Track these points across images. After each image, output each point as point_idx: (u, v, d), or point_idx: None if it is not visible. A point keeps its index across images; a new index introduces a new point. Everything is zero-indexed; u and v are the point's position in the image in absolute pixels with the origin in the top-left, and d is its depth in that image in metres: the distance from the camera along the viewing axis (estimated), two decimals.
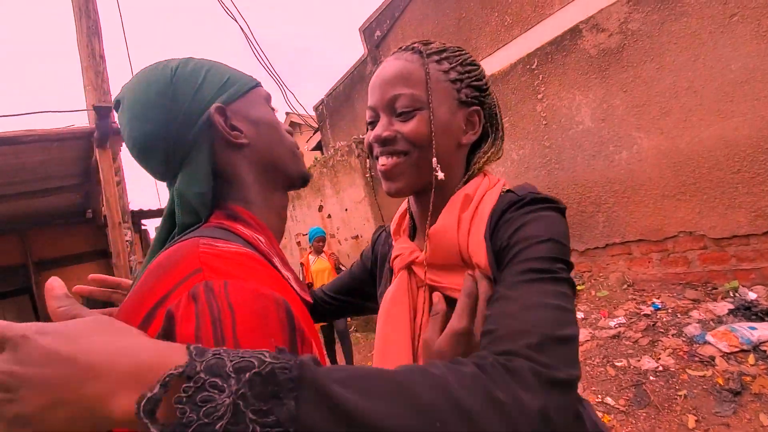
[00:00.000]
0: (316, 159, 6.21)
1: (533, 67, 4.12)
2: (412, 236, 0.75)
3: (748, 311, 2.68)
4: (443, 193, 0.64)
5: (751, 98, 2.90)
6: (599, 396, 2.56)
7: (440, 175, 0.61)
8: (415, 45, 0.67)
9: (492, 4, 4.45)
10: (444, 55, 0.66)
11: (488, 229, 0.59)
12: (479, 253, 0.58)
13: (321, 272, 4.22)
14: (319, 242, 4.36)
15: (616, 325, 3.10)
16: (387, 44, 5.96)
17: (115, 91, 4.43)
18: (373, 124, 0.68)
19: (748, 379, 2.24)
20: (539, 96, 4.13)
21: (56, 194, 2.71)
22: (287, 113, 11.34)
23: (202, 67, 0.56)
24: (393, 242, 0.75)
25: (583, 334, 3.20)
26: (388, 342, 0.64)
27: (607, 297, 3.56)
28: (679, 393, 2.33)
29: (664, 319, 2.96)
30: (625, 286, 3.58)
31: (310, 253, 4.44)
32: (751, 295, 2.86)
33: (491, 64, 4.54)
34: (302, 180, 0.67)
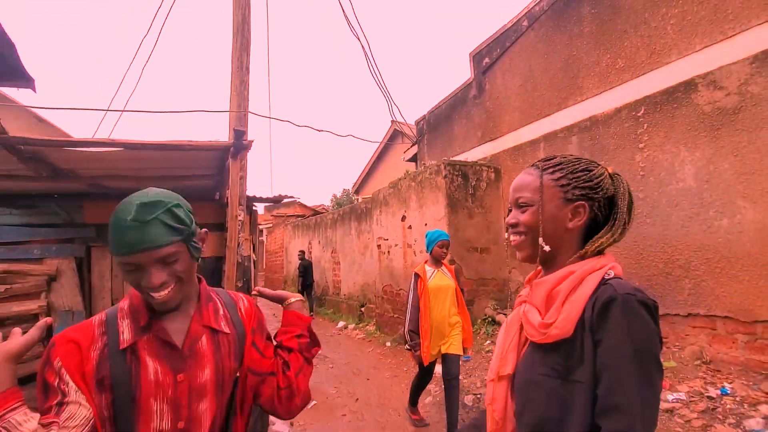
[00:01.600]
0: (407, 172, 6.62)
1: (639, 114, 3.97)
2: None
3: None
4: (555, 262, 0.89)
5: None
6: None
7: (546, 248, 0.87)
8: (538, 163, 0.95)
9: (606, 44, 4.36)
10: (558, 167, 0.91)
11: (585, 311, 0.78)
12: (563, 324, 0.78)
13: (442, 291, 3.24)
14: (441, 248, 3.28)
15: (674, 400, 2.93)
16: (494, 72, 6.10)
17: (252, 97, 5.32)
18: (509, 214, 0.96)
19: None
20: (641, 145, 3.96)
21: (197, 180, 3.51)
22: (392, 121, 12.03)
23: (112, 218, 0.88)
24: (525, 285, 1.00)
25: None
26: (502, 348, 0.95)
27: (674, 368, 3.34)
28: None
29: (728, 406, 2.74)
30: (699, 362, 3.31)
31: (426, 262, 3.35)
32: None
33: (594, 106, 4.46)
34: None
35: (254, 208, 6.85)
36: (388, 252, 6.99)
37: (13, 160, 2.37)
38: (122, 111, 4.77)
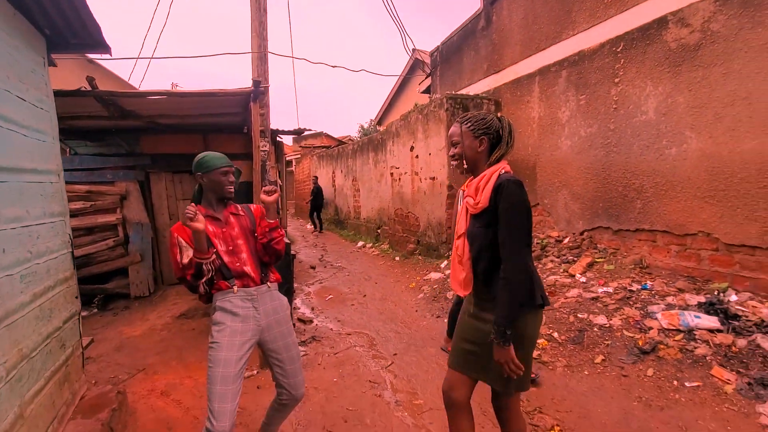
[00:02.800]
0: (416, 105, 7.11)
1: (618, 50, 4.30)
2: None
3: (712, 306, 3.12)
4: (477, 171, 1.62)
5: None
6: (550, 330, 3.41)
7: (465, 166, 1.64)
8: (459, 119, 1.68)
9: None
10: (469, 120, 1.64)
11: (492, 191, 1.49)
12: (484, 200, 1.51)
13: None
14: None
15: (602, 293, 3.74)
16: (501, 2, 6.24)
17: (272, 38, 5.91)
18: (450, 148, 1.72)
19: (662, 347, 2.88)
20: (616, 80, 4.35)
21: (226, 117, 4.29)
22: (413, 50, 12.07)
23: (202, 160, 1.87)
24: (463, 188, 1.73)
25: (573, 292, 3.91)
26: (459, 221, 1.70)
27: (612, 271, 4.10)
28: (606, 341, 3.08)
29: (642, 297, 3.52)
30: (633, 266, 4.05)
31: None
32: (733, 298, 3.23)
33: (583, 41, 4.75)
34: (223, 198, 1.90)
35: (279, 139, 7.66)
36: (399, 179, 7.75)
37: (97, 105, 3.22)
38: (152, 58, 5.46)
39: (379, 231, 9.41)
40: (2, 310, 1.68)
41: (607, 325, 3.26)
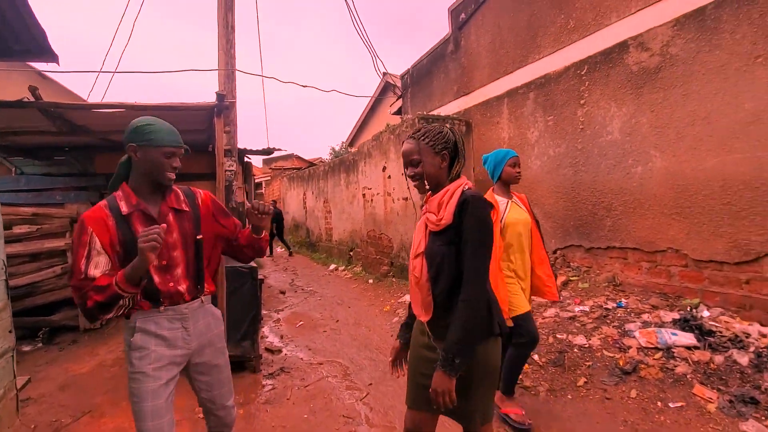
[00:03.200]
0: (387, 125, 7.11)
1: (582, 73, 4.44)
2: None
3: (686, 323, 3.12)
4: (439, 186, 1.48)
5: (754, 138, 3.10)
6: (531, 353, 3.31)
7: (427, 186, 1.49)
8: (414, 134, 1.51)
9: (560, 4, 4.72)
10: (426, 134, 1.48)
11: (456, 207, 1.37)
12: (447, 216, 1.38)
13: (517, 225, 2.44)
14: (514, 167, 2.49)
15: (579, 312, 3.70)
16: (469, 28, 6.41)
17: (239, 56, 5.73)
18: (407, 168, 1.54)
19: (643, 366, 2.83)
20: (582, 101, 4.47)
21: (190, 135, 4.08)
22: (384, 73, 12.26)
23: (144, 128, 1.41)
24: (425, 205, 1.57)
25: (551, 311, 3.85)
26: (416, 239, 1.52)
27: (587, 289, 4.09)
28: (587, 362, 3.00)
29: (618, 315, 3.50)
30: (606, 283, 4.06)
31: (493, 190, 2.54)
32: (705, 314, 3.25)
33: (549, 64, 4.90)
34: (162, 184, 1.48)
35: (248, 159, 7.44)
36: (372, 200, 7.64)
37: (42, 118, 2.95)
38: (114, 72, 5.21)
39: (351, 253, 9.21)
40: None
41: (586, 346, 3.20)
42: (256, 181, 15.65)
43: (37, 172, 4.88)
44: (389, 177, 6.94)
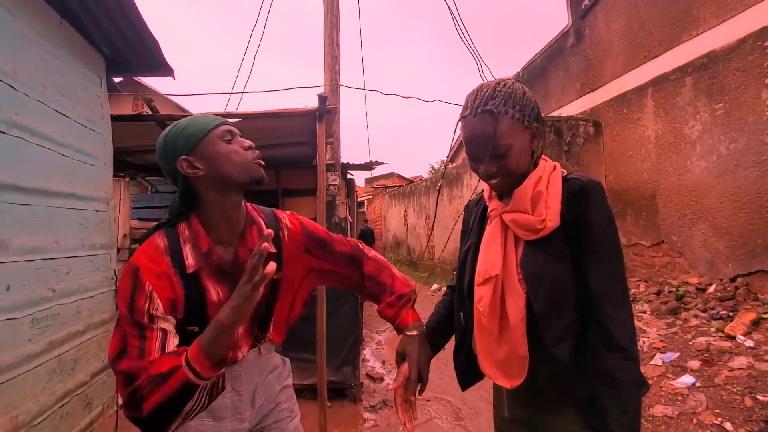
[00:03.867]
0: None
1: (766, 44, 3.35)
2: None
3: None
4: (517, 176, 0.94)
5: None
6: (719, 419, 2.37)
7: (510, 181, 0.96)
8: (487, 108, 0.91)
9: None
10: (509, 103, 0.91)
11: (565, 200, 0.89)
12: (553, 216, 0.88)
13: None
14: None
15: None
16: (594, 14, 5.54)
17: (344, 71, 5.72)
18: (480, 161, 0.97)
19: None
20: (767, 81, 3.36)
21: (296, 147, 4.04)
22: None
23: (177, 129, 0.92)
24: (486, 201, 1.06)
25: (741, 361, 2.81)
26: (488, 255, 0.98)
27: None
28: None
29: None
30: None
31: None
32: None
33: (712, 39, 3.86)
34: (252, 184, 0.96)
35: (350, 176, 7.43)
36: None
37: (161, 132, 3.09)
38: (233, 93, 5.54)
39: (455, 272, 8.62)
40: None
41: None
42: (359, 200, 16.05)
43: (168, 189, 5.39)
44: None
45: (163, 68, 2.48)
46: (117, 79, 3.44)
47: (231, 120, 2.87)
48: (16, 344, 1.44)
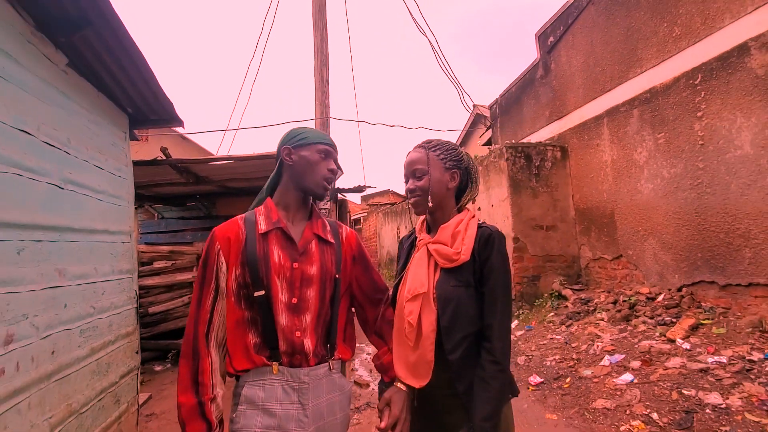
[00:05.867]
0: (475, 157, 7.01)
1: (696, 82, 3.89)
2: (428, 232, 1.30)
3: None
4: (442, 213, 1.23)
5: None
6: (648, 410, 2.81)
7: (430, 204, 1.20)
8: (423, 144, 1.26)
9: (662, 12, 4.27)
10: (437, 146, 1.24)
11: (476, 242, 1.14)
12: (466, 252, 1.13)
13: None
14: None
15: (713, 363, 3.05)
16: (558, 50, 6.13)
17: (333, 106, 6.29)
18: (408, 180, 1.26)
19: None
20: (699, 114, 3.89)
21: None
22: (474, 105, 12.27)
23: (300, 131, 1.20)
24: (417, 234, 1.30)
25: (676, 361, 3.25)
26: (416, 276, 1.18)
27: (723, 335, 3.37)
28: (723, 427, 2.43)
29: (767, 369, 2.80)
30: (751, 329, 3.29)
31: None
32: None
33: (654, 76, 4.41)
34: (313, 195, 1.20)
35: (342, 197, 7.92)
36: None
37: (173, 173, 3.59)
38: (232, 129, 6.07)
39: None
40: (55, 364, 1.75)
41: (722, 406, 2.60)
42: (355, 217, 16.51)
43: (173, 216, 5.86)
44: (479, 209, 6.76)
45: (175, 121, 2.98)
46: None
47: (230, 161, 3.37)
48: (70, 349, 1.88)
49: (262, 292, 1.07)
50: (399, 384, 1.15)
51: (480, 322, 1.12)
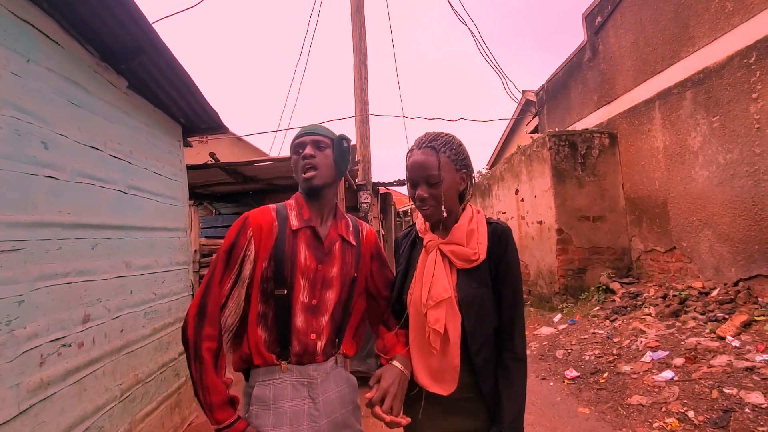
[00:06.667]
0: (518, 146, 6.86)
1: (751, 62, 3.57)
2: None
3: None
4: (452, 213, 1.12)
5: None
6: (685, 408, 2.71)
7: (445, 214, 1.10)
8: (432, 143, 1.10)
9: None
10: (447, 145, 1.11)
11: (489, 238, 1.10)
12: (483, 250, 1.08)
13: None
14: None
15: (761, 362, 2.86)
16: (606, 31, 5.81)
17: (372, 102, 6.48)
18: (416, 187, 1.11)
19: None
20: (754, 95, 3.58)
21: None
22: (523, 91, 11.86)
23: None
24: (420, 234, 1.21)
25: (722, 359, 3.08)
26: (438, 281, 1.08)
27: None
28: (761, 428, 2.31)
29: None
30: None
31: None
32: None
33: (707, 55, 4.09)
34: (304, 189, 1.15)
35: (385, 190, 8.12)
36: None
37: (223, 174, 3.97)
38: (280, 130, 6.45)
39: None
40: (124, 340, 2.11)
41: (763, 405, 2.46)
42: (402, 209, 16.67)
43: (229, 212, 6.39)
44: (522, 200, 6.63)
45: (221, 128, 3.31)
46: None
47: (269, 162, 3.66)
48: (136, 328, 2.25)
49: (284, 291, 1.05)
50: (395, 362, 1.10)
51: (497, 320, 1.10)
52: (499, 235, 1.10)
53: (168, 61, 2.32)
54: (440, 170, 1.08)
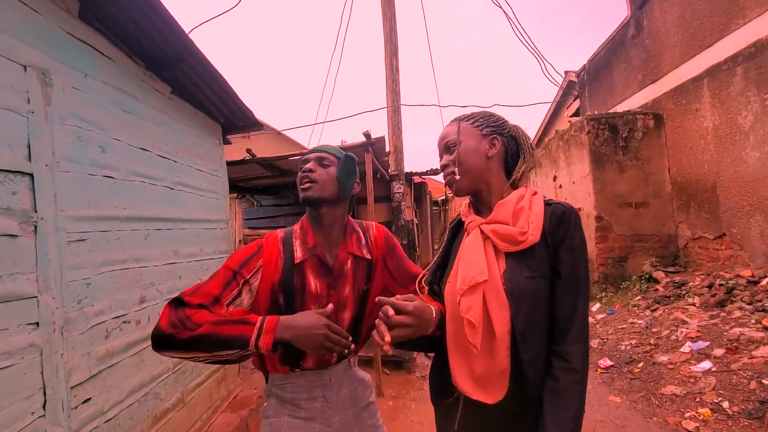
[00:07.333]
0: (556, 131, 6.65)
1: None
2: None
3: None
4: (491, 188, 1.00)
5: None
6: (720, 398, 2.63)
7: (457, 177, 0.98)
8: (455, 118, 1.07)
9: None
10: (471, 116, 1.05)
11: (546, 219, 0.91)
12: (535, 231, 0.90)
13: None
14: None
15: None
16: (651, 4, 5.47)
17: (403, 93, 6.53)
18: (441, 158, 1.06)
19: None
20: None
21: (359, 166, 4.98)
22: (566, 72, 11.37)
23: None
24: (463, 218, 1.07)
25: (764, 351, 2.93)
26: (471, 262, 0.94)
27: None
28: None
29: None
30: None
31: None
32: None
33: (759, 27, 3.79)
34: (304, 203, 1.14)
35: (420, 180, 8.17)
36: None
37: (261, 168, 4.22)
38: (318, 123, 6.64)
39: None
40: None
41: None
42: (441, 198, 16.60)
43: (269, 203, 6.74)
44: (560, 186, 6.45)
45: (256, 125, 3.53)
46: None
47: (299, 156, 3.85)
48: None
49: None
50: (434, 308, 0.97)
51: (551, 318, 0.90)
52: (559, 217, 0.92)
53: (205, 66, 2.53)
54: (459, 135, 1.02)
